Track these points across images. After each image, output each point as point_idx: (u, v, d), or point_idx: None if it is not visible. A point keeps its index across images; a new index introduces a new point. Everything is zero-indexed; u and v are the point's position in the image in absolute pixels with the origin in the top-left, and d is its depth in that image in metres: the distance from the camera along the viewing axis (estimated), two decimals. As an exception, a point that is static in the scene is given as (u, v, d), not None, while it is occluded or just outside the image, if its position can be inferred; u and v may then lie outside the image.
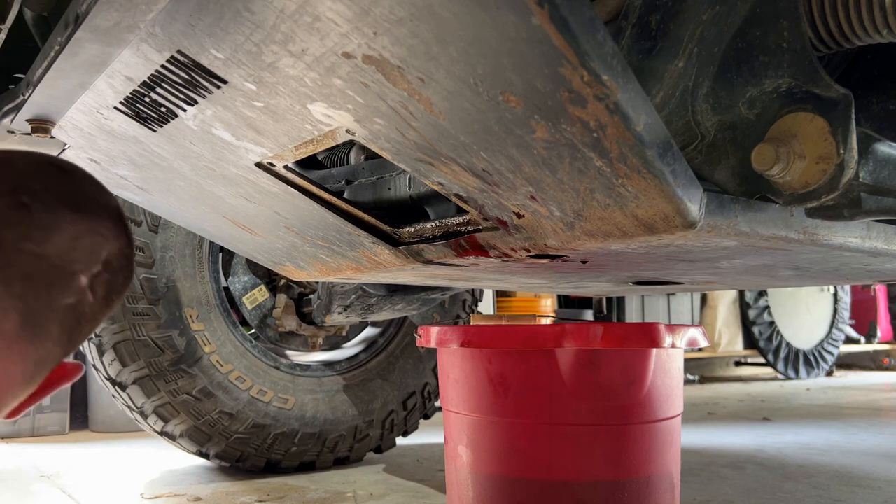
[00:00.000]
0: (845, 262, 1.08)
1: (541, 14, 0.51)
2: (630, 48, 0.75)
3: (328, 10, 0.59)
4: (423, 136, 0.74)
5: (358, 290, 1.72)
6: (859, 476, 1.78)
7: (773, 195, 0.74)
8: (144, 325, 1.62)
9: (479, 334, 1.06)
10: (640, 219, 0.73)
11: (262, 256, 1.39)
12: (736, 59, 0.76)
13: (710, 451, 2.16)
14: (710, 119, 0.77)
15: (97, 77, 0.85)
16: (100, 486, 1.71)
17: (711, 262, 1.05)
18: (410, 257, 1.07)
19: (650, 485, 1.03)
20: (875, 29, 0.75)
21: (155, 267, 1.65)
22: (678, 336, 1.04)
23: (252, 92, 0.77)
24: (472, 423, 1.08)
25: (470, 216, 0.94)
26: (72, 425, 2.70)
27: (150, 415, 1.66)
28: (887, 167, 0.76)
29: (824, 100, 0.71)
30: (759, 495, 1.58)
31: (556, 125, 0.63)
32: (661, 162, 0.64)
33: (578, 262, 1.02)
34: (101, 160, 1.15)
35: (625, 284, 1.46)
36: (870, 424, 2.71)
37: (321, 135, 0.82)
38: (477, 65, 0.59)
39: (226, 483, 1.72)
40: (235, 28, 0.67)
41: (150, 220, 1.65)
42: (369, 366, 1.98)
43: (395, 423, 1.99)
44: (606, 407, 1.01)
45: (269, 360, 1.80)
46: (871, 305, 5.93)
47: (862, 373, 5.65)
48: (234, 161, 0.98)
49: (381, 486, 1.69)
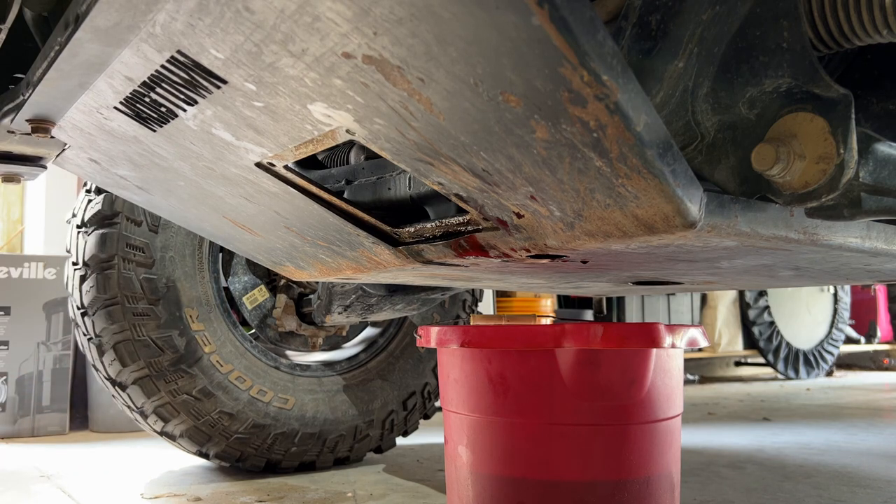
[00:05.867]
0: (845, 262, 1.08)
1: (541, 14, 0.51)
2: (630, 48, 0.75)
3: (328, 10, 0.59)
4: (423, 136, 0.74)
5: (358, 290, 1.72)
6: (859, 476, 1.78)
7: (773, 195, 0.74)
8: (144, 325, 1.62)
9: (479, 334, 1.06)
10: (640, 219, 0.73)
11: (262, 256, 1.39)
12: (736, 59, 0.76)
13: (710, 451, 2.16)
14: (710, 119, 0.77)
15: (97, 77, 0.85)
16: (100, 486, 1.71)
17: (711, 263, 1.05)
18: (410, 257, 1.07)
19: (650, 485, 1.03)
20: (875, 29, 0.75)
21: (155, 267, 1.65)
22: (678, 336, 1.04)
23: (252, 92, 0.77)
24: (472, 423, 1.08)
25: (470, 216, 0.94)
26: (72, 425, 2.70)
27: (150, 415, 1.67)
28: (887, 167, 0.76)
29: (824, 100, 0.71)
30: (759, 495, 1.58)
31: (556, 125, 0.63)
32: (661, 162, 0.64)
33: (578, 262, 1.02)
34: (101, 160, 1.15)
35: (625, 284, 1.46)
36: (870, 424, 2.71)
37: (321, 135, 0.82)
38: (477, 65, 0.59)
39: (226, 483, 1.72)
40: (235, 28, 0.67)
41: (150, 220, 1.65)
42: (369, 366, 1.98)
43: (395, 423, 1.99)
44: (606, 407, 1.01)
45: (269, 360, 1.80)
46: (871, 305, 5.93)
47: (862, 373, 5.65)
48: (234, 161, 0.98)
49: (381, 486, 1.69)
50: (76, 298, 1.66)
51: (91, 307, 1.62)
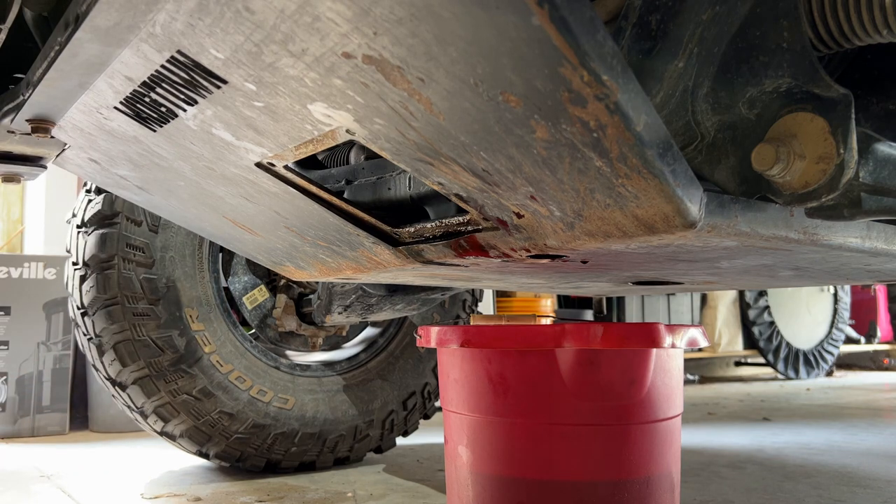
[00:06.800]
0: (845, 262, 1.08)
1: (541, 14, 0.51)
2: (630, 48, 0.75)
3: (328, 10, 0.59)
4: (423, 136, 0.74)
5: (358, 290, 1.72)
6: (859, 476, 1.78)
7: (773, 195, 0.74)
8: (144, 325, 1.62)
9: (479, 334, 1.06)
10: (640, 219, 0.73)
11: (262, 256, 1.39)
12: (736, 59, 0.76)
13: (710, 451, 2.16)
14: (710, 119, 0.77)
15: (97, 77, 0.85)
16: (100, 486, 1.71)
17: (711, 262, 1.05)
18: (410, 257, 1.07)
19: (650, 485, 1.03)
20: (875, 29, 0.75)
21: (155, 267, 1.65)
22: (678, 336, 1.04)
23: (252, 92, 0.77)
24: (472, 423, 1.08)
25: (470, 216, 0.94)
26: (72, 425, 2.70)
27: (150, 415, 1.67)
28: (887, 167, 0.76)
29: (824, 100, 0.71)
30: (759, 495, 1.58)
31: (556, 125, 0.63)
32: (661, 162, 0.64)
33: (578, 262, 1.02)
34: (101, 160, 1.15)
35: (625, 284, 1.46)
36: (870, 424, 2.71)
37: (321, 135, 0.82)
38: (477, 65, 0.59)
39: (226, 483, 1.72)
40: (235, 28, 0.67)
41: (150, 220, 1.65)
42: (369, 366, 1.98)
43: (395, 423, 1.99)
44: (606, 407, 1.01)
45: (269, 360, 1.80)
46: (871, 305, 5.92)
47: (862, 373, 5.65)
48: (234, 161, 0.98)
49: (381, 486, 1.69)
50: (76, 298, 1.66)
51: (91, 307, 1.62)
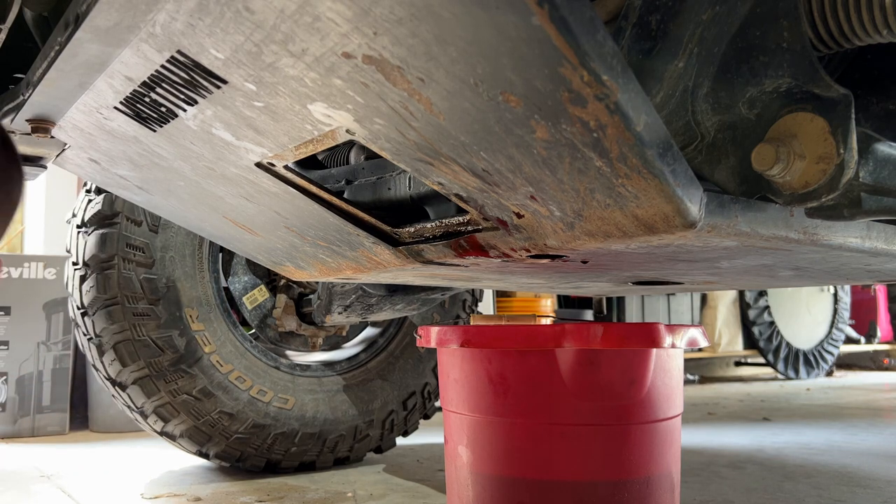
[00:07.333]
0: (845, 262, 1.08)
1: (541, 14, 0.51)
2: (630, 48, 0.75)
3: (328, 10, 0.59)
4: (423, 136, 0.74)
5: (358, 290, 1.72)
6: (859, 476, 1.78)
7: (773, 195, 0.74)
8: (144, 325, 1.62)
9: (479, 334, 1.06)
10: (640, 219, 0.73)
11: (262, 256, 1.39)
12: (736, 59, 0.76)
13: (710, 451, 2.16)
14: (710, 119, 0.77)
15: (97, 77, 0.85)
16: (100, 486, 1.71)
17: (711, 262, 1.05)
18: (410, 257, 1.07)
19: (650, 485, 1.03)
20: (875, 29, 0.75)
21: (155, 267, 1.65)
22: (678, 336, 1.04)
23: (252, 92, 0.77)
24: (472, 423, 1.08)
25: (470, 216, 0.94)
26: (72, 425, 2.70)
27: (150, 415, 1.67)
28: (887, 167, 0.76)
29: (824, 100, 0.71)
30: (759, 495, 1.58)
31: (556, 125, 0.63)
32: (661, 162, 0.64)
33: (578, 262, 1.02)
34: (101, 160, 1.15)
35: (625, 284, 1.46)
36: (870, 424, 2.71)
37: (321, 135, 0.82)
38: (477, 65, 0.59)
39: (226, 483, 1.72)
40: (235, 28, 0.67)
41: (150, 220, 1.65)
42: (369, 366, 1.98)
43: (395, 423, 1.99)
44: (606, 407, 1.01)
45: (269, 360, 1.80)
46: (871, 305, 5.92)
47: (862, 373, 5.65)
48: (234, 161, 0.98)
49: (381, 486, 1.69)
50: (76, 298, 1.66)
51: (91, 307, 1.62)
